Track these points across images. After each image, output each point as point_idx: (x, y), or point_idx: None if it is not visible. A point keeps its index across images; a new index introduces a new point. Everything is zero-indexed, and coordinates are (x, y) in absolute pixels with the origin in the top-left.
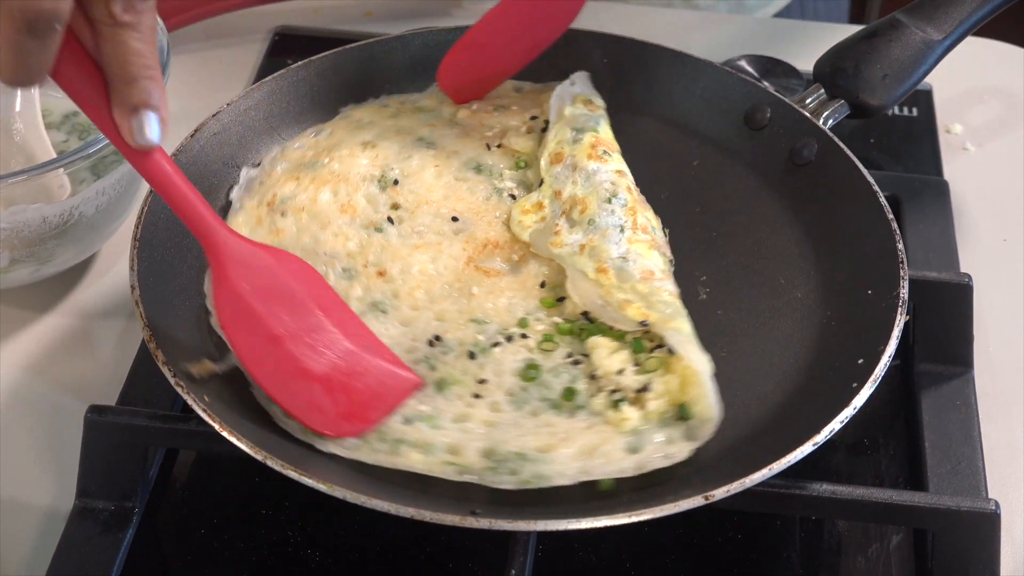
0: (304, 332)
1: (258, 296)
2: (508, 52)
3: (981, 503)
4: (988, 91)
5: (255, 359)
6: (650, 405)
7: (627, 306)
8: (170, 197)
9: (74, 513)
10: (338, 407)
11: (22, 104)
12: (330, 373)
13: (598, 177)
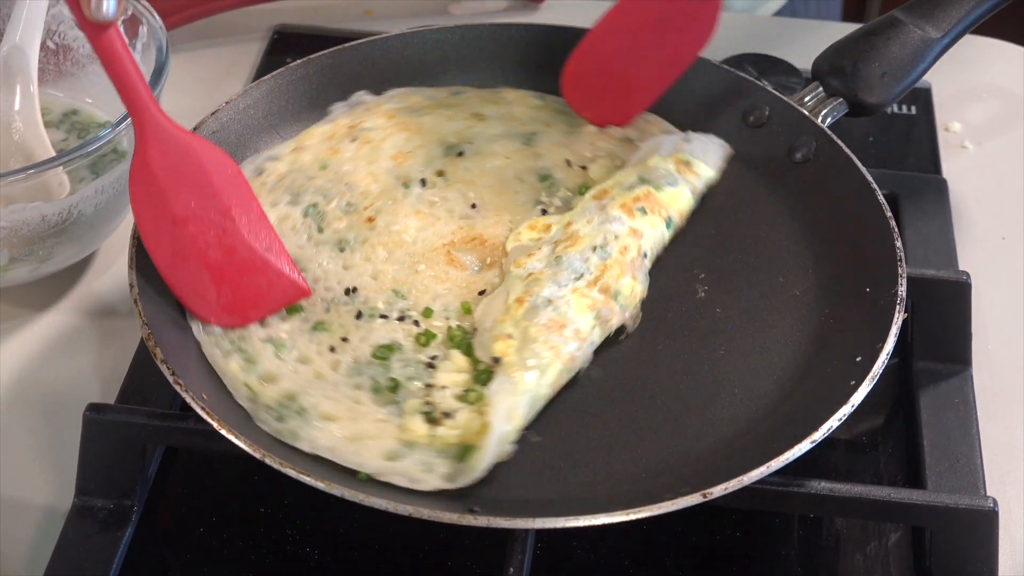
0: (207, 220)
1: (170, 177)
2: (638, 64)
3: (979, 501)
4: (987, 89)
5: (155, 238)
6: (441, 431)
7: (501, 339)
8: (114, 73)
9: (73, 511)
10: (221, 298)
11: (21, 102)
12: (222, 264)
13: (611, 226)
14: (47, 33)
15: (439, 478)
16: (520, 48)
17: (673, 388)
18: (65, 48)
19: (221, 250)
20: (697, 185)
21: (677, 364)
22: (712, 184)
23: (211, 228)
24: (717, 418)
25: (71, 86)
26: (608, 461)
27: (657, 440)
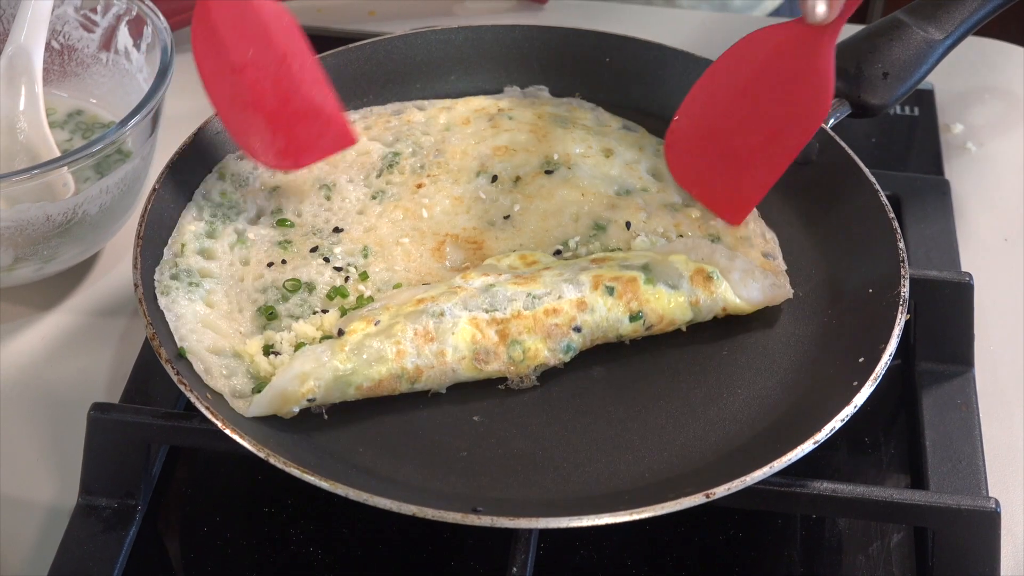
0: (263, 68)
1: (229, 27)
2: (743, 141)
3: (981, 502)
4: (989, 91)
5: (216, 84)
6: (261, 358)
7: (366, 320)
8: None
9: (77, 510)
10: (276, 142)
11: (26, 103)
12: (276, 110)
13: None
14: (52, 34)
15: (228, 386)
16: (524, 49)
17: (676, 388)
18: (70, 49)
19: (276, 97)
20: (706, 302)
21: (680, 365)
22: (739, 312)
23: (267, 76)
24: (720, 418)
25: (75, 86)
26: (611, 461)
27: (660, 440)
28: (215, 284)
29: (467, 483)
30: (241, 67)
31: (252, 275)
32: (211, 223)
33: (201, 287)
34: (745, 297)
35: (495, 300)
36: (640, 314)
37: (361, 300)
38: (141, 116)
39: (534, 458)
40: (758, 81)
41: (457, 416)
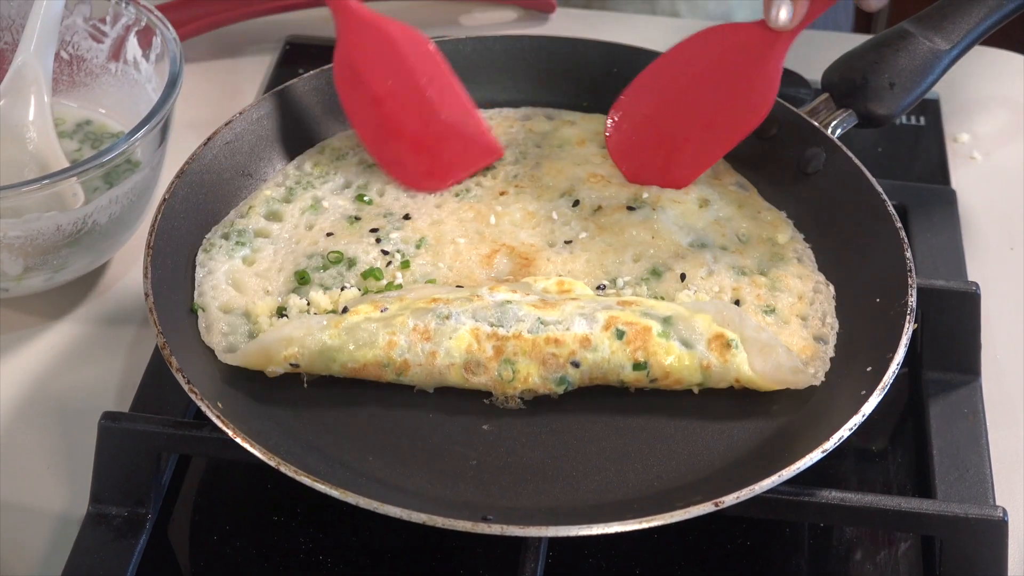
0: (403, 96)
1: (367, 60)
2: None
3: (988, 510)
4: (995, 100)
5: (360, 118)
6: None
7: (374, 304)
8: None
9: (87, 519)
10: (420, 166)
11: (35, 113)
12: (419, 135)
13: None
14: (61, 44)
15: (223, 342)
16: (531, 59)
17: (685, 398)
18: (79, 59)
19: (419, 121)
20: (718, 369)
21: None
22: (755, 387)
23: (408, 103)
24: (728, 427)
25: (84, 96)
26: (620, 470)
27: (669, 449)
28: (266, 243)
29: (477, 492)
30: (382, 98)
31: (308, 240)
32: (291, 189)
33: (247, 246)
34: (760, 371)
35: (504, 316)
36: (645, 364)
37: (390, 286)
38: (150, 126)
39: (543, 467)
40: (707, 74)
41: (467, 425)
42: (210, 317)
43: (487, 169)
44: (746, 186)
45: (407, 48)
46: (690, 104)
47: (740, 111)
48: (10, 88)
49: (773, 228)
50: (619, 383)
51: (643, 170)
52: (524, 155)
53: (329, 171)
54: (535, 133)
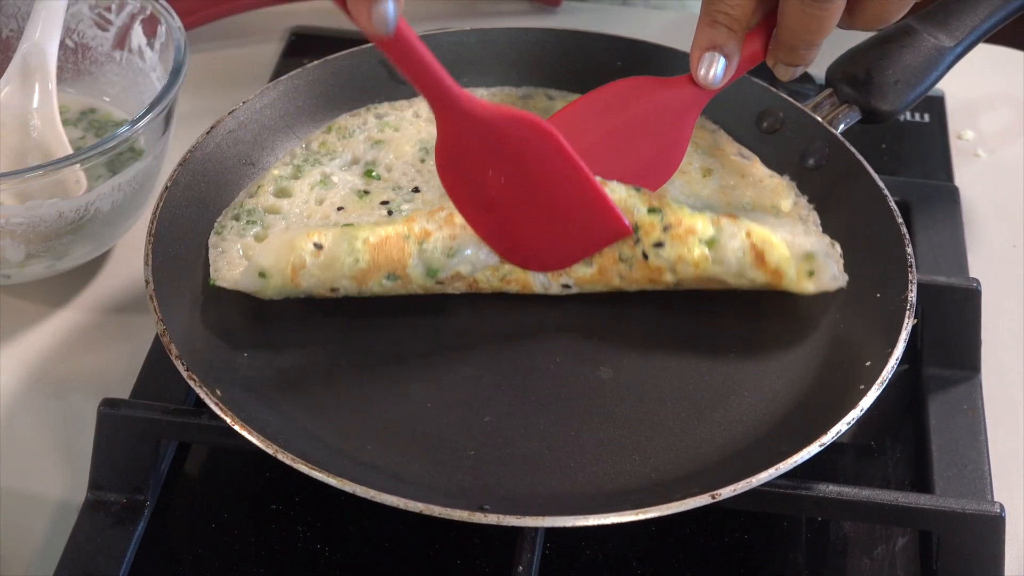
0: (520, 193)
1: (474, 161)
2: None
3: (986, 506)
4: (1000, 97)
5: (472, 215)
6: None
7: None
8: (412, 72)
9: (86, 505)
10: (543, 253)
11: (39, 100)
12: (543, 224)
13: None
14: (66, 32)
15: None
16: (536, 52)
17: (683, 390)
18: (84, 47)
19: (537, 219)
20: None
21: (687, 366)
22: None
23: (525, 200)
24: (726, 420)
25: (89, 85)
26: (618, 462)
27: (666, 441)
28: (277, 219)
29: (474, 481)
30: (496, 201)
31: (320, 214)
32: (299, 167)
33: (258, 224)
34: (788, 241)
35: None
36: (659, 210)
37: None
38: (154, 115)
39: (541, 458)
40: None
41: (465, 415)
42: (228, 281)
43: None
44: (748, 155)
45: (520, 140)
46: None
47: (651, 168)
48: (15, 76)
49: (776, 195)
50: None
51: None
52: None
53: (337, 148)
54: (538, 110)
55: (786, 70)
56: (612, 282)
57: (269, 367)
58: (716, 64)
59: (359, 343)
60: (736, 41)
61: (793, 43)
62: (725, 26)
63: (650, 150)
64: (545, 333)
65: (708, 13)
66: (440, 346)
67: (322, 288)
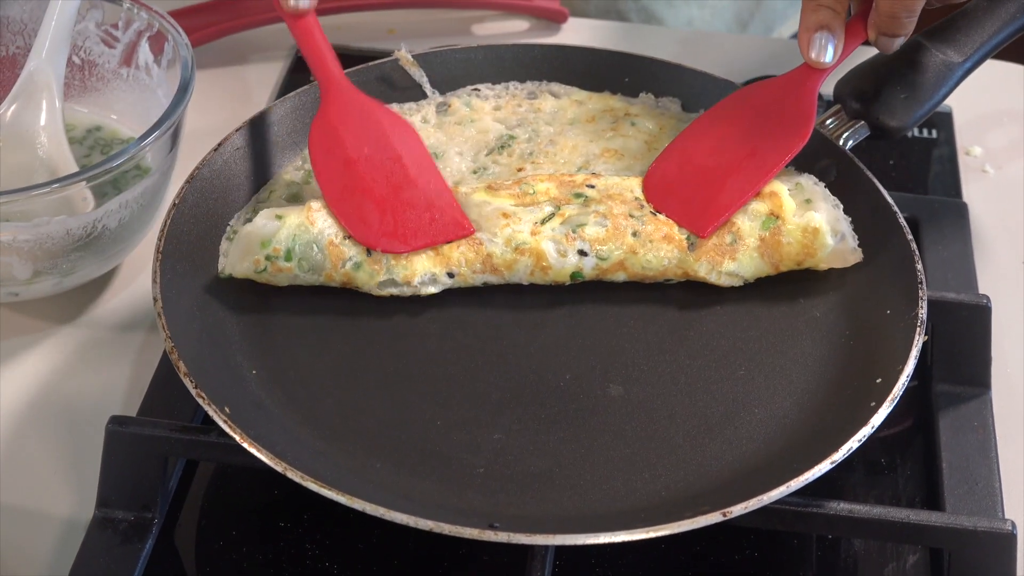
0: (377, 164)
1: (348, 129)
2: (717, 162)
3: (998, 523)
4: (1008, 114)
5: (326, 174)
6: None
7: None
8: (308, 51)
9: (94, 523)
10: (384, 226)
11: (47, 118)
12: (387, 198)
13: None
14: (73, 48)
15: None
16: (543, 68)
17: (693, 407)
18: (90, 64)
19: (389, 187)
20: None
21: (697, 384)
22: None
23: (380, 170)
24: (737, 437)
25: (95, 102)
26: (628, 479)
27: (677, 459)
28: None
29: (484, 499)
30: (355, 160)
31: None
32: (310, 171)
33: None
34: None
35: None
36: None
37: None
38: (160, 132)
39: (551, 475)
40: (745, 121)
41: (474, 433)
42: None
43: (501, 147)
44: None
45: (389, 125)
46: (729, 144)
47: (777, 145)
48: (22, 93)
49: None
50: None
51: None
52: (536, 133)
53: None
54: (544, 112)
55: (888, 41)
56: (627, 240)
57: (277, 384)
58: (826, 45)
59: (367, 360)
60: (840, 20)
61: (894, 11)
62: (828, 7)
63: (773, 131)
64: (555, 350)
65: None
66: (448, 363)
67: (335, 233)
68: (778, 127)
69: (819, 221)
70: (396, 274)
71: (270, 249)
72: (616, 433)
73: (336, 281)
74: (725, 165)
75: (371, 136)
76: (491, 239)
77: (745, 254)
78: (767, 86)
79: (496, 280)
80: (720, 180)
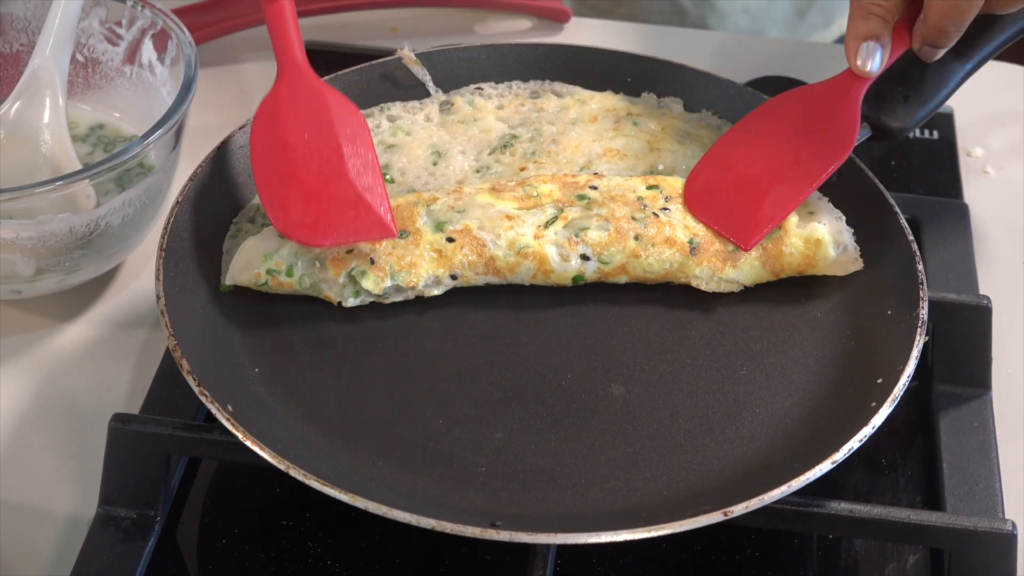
0: (314, 151)
1: (292, 111)
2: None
3: (998, 523)
4: (1009, 115)
5: (261, 156)
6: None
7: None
8: (273, 29)
9: (96, 520)
10: (306, 217)
11: (50, 116)
12: (315, 189)
13: None
14: (76, 47)
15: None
16: (546, 67)
17: (694, 407)
18: (94, 62)
19: (319, 178)
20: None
21: (699, 383)
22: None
23: (316, 159)
24: (738, 437)
25: (99, 100)
26: (629, 478)
27: (678, 458)
28: None
29: (486, 498)
30: (293, 145)
31: None
32: None
33: None
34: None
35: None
36: (657, 186)
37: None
38: (163, 130)
39: (553, 475)
40: (788, 128)
41: (476, 431)
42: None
43: (504, 146)
44: None
45: (337, 115)
46: (772, 151)
47: (823, 152)
48: (26, 90)
49: None
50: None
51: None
52: (539, 132)
53: None
54: (547, 112)
55: (931, 52)
56: (629, 245)
57: (280, 383)
58: (873, 53)
59: (369, 359)
60: (890, 30)
61: (943, 25)
62: (879, 16)
63: (817, 141)
64: (557, 349)
65: (861, 6)
66: (450, 362)
67: (337, 249)
68: (821, 136)
69: (822, 232)
70: (400, 280)
71: (272, 263)
72: (618, 432)
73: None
74: (768, 175)
75: (315, 123)
76: (494, 242)
77: (746, 262)
78: (807, 93)
79: (498, 281)
80: (763, 191)
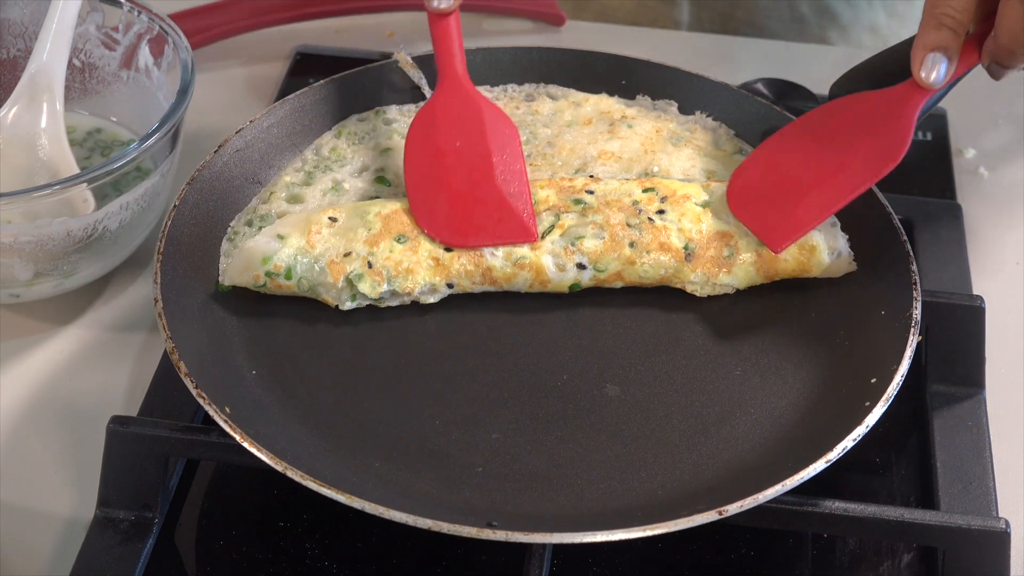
0: (465, 157)
1: (448, 119)
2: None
3: (991, 522)
4: (1002, 116)
5: (413, 161)
6: None
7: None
8: (438, 41)
9: (95, 523)
10: (451, 220)
11: (47, 121)
12: (461, 192)
13: None
14: (73, 51)
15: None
16: (541, 70)
17: (689, 407)
18: (91, 66)
19: (467, 182)
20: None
21: (693, 384)
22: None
23: (466, 164)
24: (732, 437)
25: (96, 104)
26: (625, 478)
27: (673, 458)
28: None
29: (482, 498)
30: (445, 151)
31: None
32: (310, 173)
33: (268, 225)
34: None
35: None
36: (653, 188)
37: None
38: (160, 134)
39: (549, 475)
40: (839, 132)
41: (472, 432)
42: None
43: None
44: (748, 151)
45: (490, 124)
46: (817, 158)
47: (870, 159)
48: (23, 95)
49: None
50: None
51: (761, 218)
52: (534, 135)
53: (347, 155)
54: (542, 114)
55: (999, 71)
56: (624, 252)
57: (277, 384)
58: (939, 65)
59: (366, 361)
60: (959, 43)
61: (1013, 47)
62: (950, 28)
63: (865, 150)
64: (552, 350)
65: (933, 15)
66: (447, 363)
67: (335, 252)
68: (870, 145)
69: (817, 239)
70: (396, 285)
71: (271, 266)
72: (613, 433)
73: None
74: (810, 179)
75: (468, 130)
76: (492, 252)
77: (741, 267)
78: (863, 100)
79: (495, 290)
80: (801, 194)
